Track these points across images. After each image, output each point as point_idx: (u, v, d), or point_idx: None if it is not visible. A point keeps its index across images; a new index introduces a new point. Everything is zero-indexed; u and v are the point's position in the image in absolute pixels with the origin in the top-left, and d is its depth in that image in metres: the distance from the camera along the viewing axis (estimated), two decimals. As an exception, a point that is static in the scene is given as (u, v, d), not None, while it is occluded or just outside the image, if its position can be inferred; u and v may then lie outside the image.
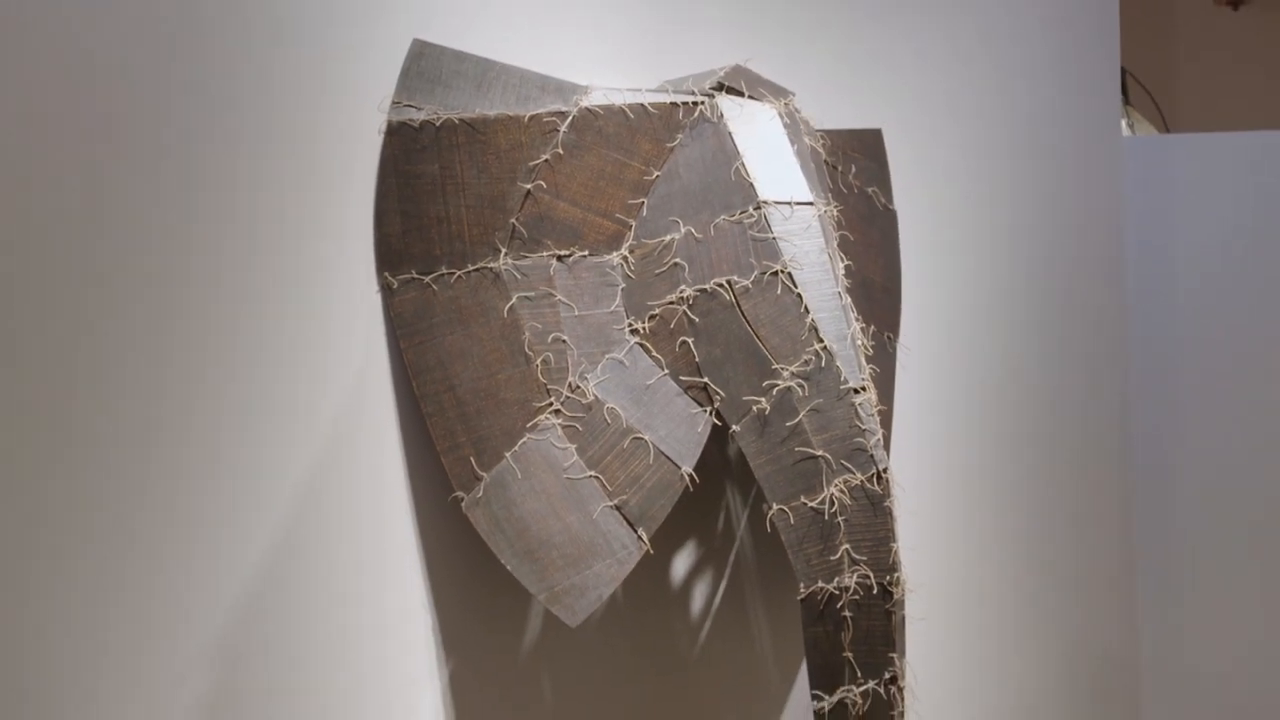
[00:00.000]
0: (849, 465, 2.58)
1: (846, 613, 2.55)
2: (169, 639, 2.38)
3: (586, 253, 2.68)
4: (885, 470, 2.60)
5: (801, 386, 2.60)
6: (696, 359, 2.63)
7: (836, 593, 2.55)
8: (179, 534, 2.41)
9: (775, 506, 2.59)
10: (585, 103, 2.71)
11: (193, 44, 2.48)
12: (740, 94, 2.77)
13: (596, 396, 2.61)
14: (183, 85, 2.46)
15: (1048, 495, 3.45)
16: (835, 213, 2.81)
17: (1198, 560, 3.81)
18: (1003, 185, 3.47)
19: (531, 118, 2.68)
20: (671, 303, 2.65)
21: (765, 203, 2.66)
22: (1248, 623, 3.76)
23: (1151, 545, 3.67)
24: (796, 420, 2.59)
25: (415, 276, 2.62)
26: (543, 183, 2.67)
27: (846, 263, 2.77)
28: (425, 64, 2.66)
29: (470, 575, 2.63)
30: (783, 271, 2.63)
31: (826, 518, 2.57)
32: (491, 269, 2.63)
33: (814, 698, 2.54)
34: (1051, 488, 3.46)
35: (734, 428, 2.62)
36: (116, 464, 2.36)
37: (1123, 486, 3.55)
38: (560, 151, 2.68)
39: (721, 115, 2.72)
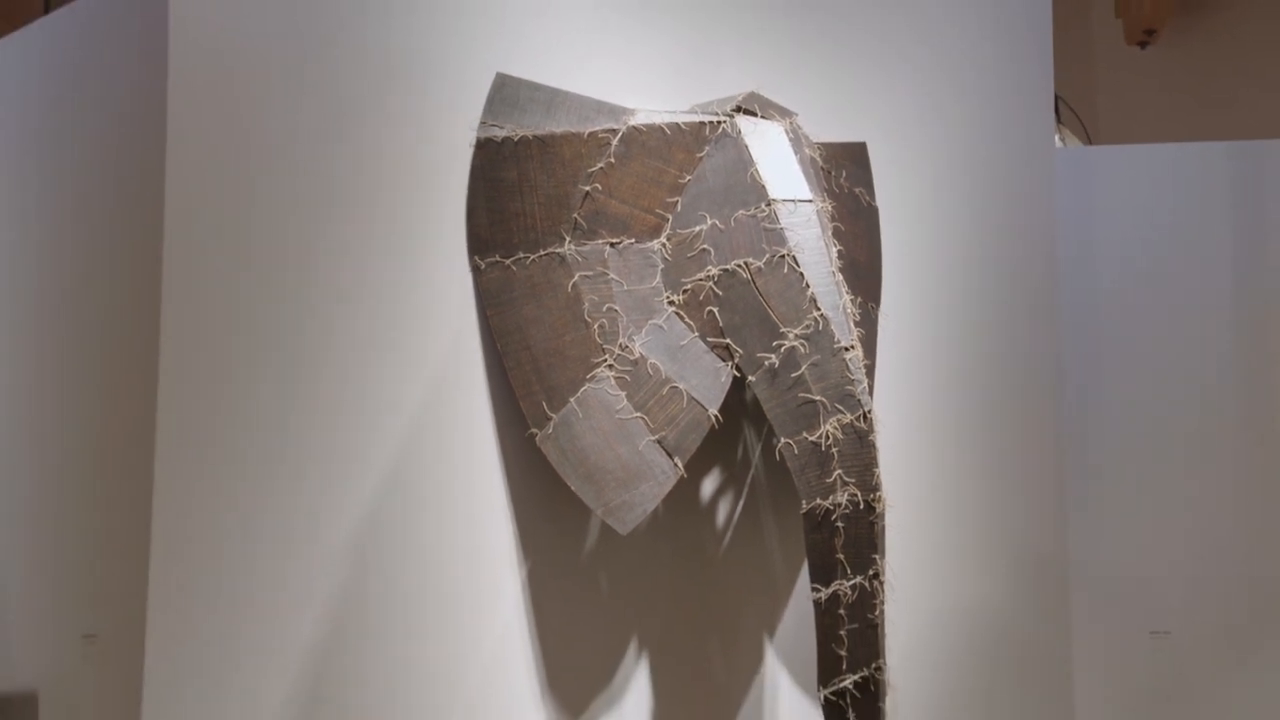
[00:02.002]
0: (841, 407, 2.58)
1: (839, 523, 2.55)
2: (309, 542, 2.41)
3: (633, 240, 2.67)
4: (869, 411, 2.60)
5: (803, 345, 2.59)
6: (720, 324, 2.63)
7: (831, 508, 2.55)
8: (316, 461, 2.43)
9: (783, 440, 2.59)
10: (632, 122, 2.71)
11: (332, 82, 2.51)
12: (754, 114, 2.76)
13: (641, 354, 2.61)
14: (323, 112, 2.49)
15: (994, 430, 3.43)
16: (830, 208, 2.80)
17: (1113, 484, 3.79)
18: (960, 186, 3.45)
19: (590, 134, 2.68)
20: (700, 280, 2.65)
21: (774, 200, 2.65)
22: (1157, 528, 3.75)
23: (1076, 469, 3.66)
24: (799, 372, 2.58)
25: (499, 259, 2.62)
26: (599, 185, 2.66)
27: (838, 247, 2.76)
28: (506, 92, 2.67)
29: (543, 494, 2.64)
30: (788, 255, 2.63)
31: (823, 449, 2.56)
32: (559, 253, 2.63)
33: (813, 589, 2.55)
34: (997, 424, 3.44)
35: (750, 378, 2.62)
36: (267, 399, 2.38)
37: (1054, 422, 3.53)
38: (612, 160, 2.68)
39: (739, 131, 2.71)
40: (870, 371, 2.89)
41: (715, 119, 2.73)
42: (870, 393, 2.67)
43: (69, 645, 2.45)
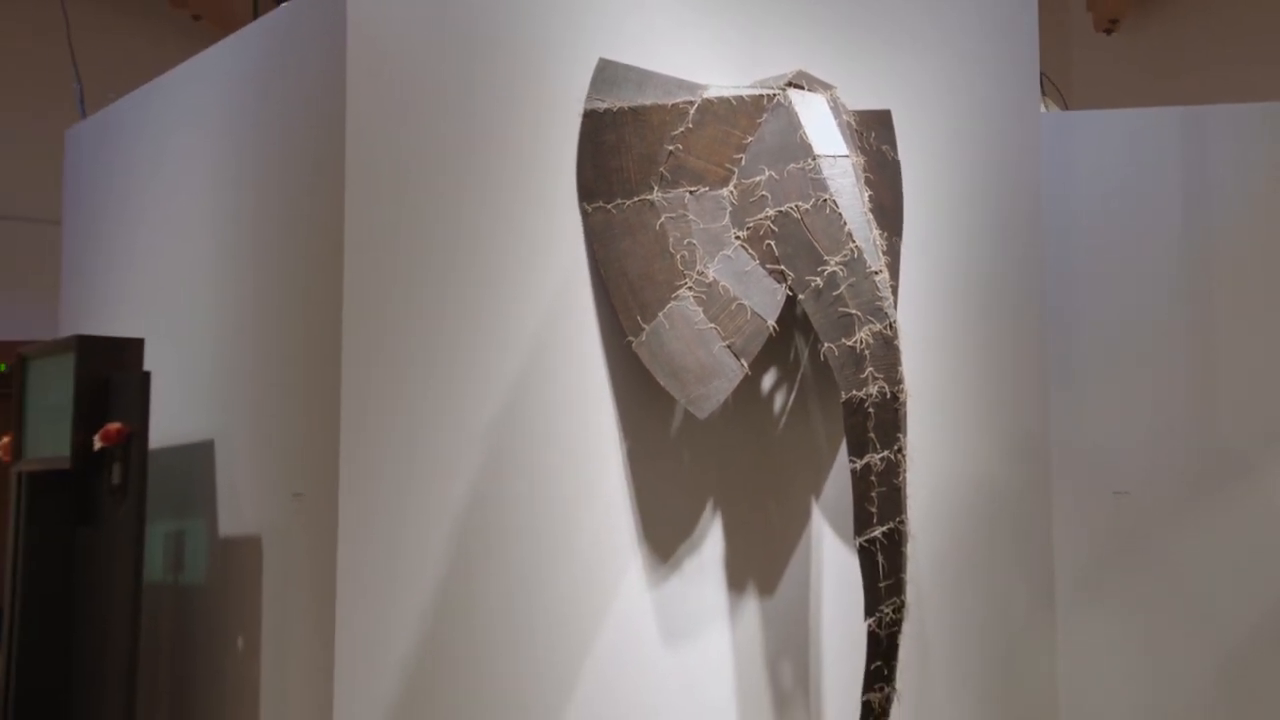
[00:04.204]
0: (872, 318, 2.54)
1: (870, 409, 2.52)
2: (458, 425, 2.43)
3: (707, 189, 2.63)
4: (894, 321, 2.56)
5: (842, 270, 2.55)
6: (776, 254, 2.59)
7: (864, 397, 2.52)
8: (464, 364, 2.45)
9: (826, 345, 2.56)
10: (706, 95, 2.67)
11: (473, 71, 2.49)
12: (802, 88, 2.70)
13: (714, 278, 2.58)
14: (466, 94, 2.48)
15: (993, 334, 3.35)
16: (862, 162, 2.74)
17: (1085, 376, 3.72)
18: (965, 142, 3.36)
19: (673, 105, 2.64)
20: (761, 219, 2.61)
21: (819, 156, 2.60)
22: (1120, 408, 3.68)
23: (1057, 366, 3.59)
24: (839, 291, 2.55)
25: (602, 205, 2.60)
26: (680, 145, 2.63)
27: (869, 193, 2.71)
28: (607, 74, 2.64)
29: (638, 388, 2.63)
30: (830, 199, 2.58)
31: (858, 351, 2.53)
32: (649, 200, 2.60)
33: (850, 461, 2.54)
34: (995, 330, 3.36)
35: (800, 296, 2.58)
36: (430, 310, 2.39)
37: (1039, 329, 3.45)
38: (690, 126, 2.64)
39: (790, 101, 2.66)
40: (894, 290, 2.83)
41: (771, 92, 2.68)
42: (895, 306, 2.63)
43: (282, 501, 2.50)
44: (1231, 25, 6.87)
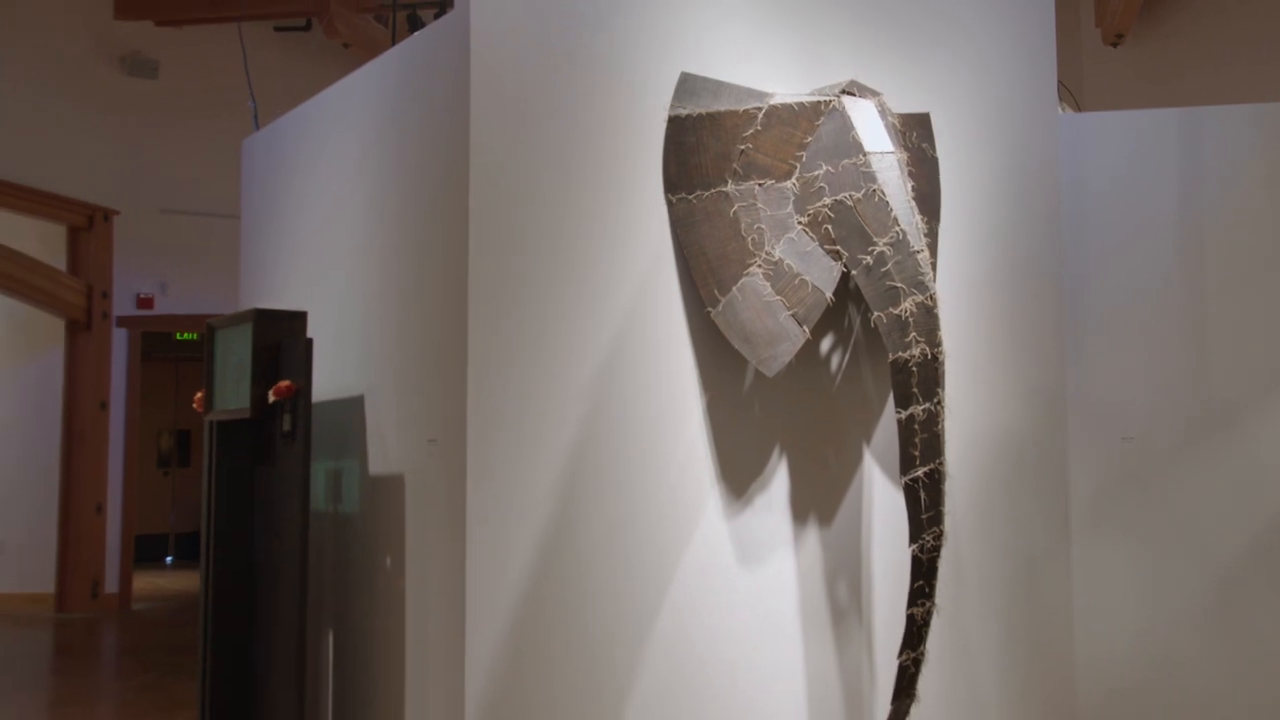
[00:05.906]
0: (915, 290, 2.45)
1: (914, 368, 2.44)
2: (564, 382, 2.40)
3: (774, 181, 2.56)
4: (934, 293, 2.48)
5: (889, 249, 2.47)
6: (833, 236, 2.51)
7: (908, 358, 2.44)
8: (566, 327, 2.41)
9: (876, 313, 2.48)
10: (772, 102, 2.58)
11: (576, 89, 2.44)
12: (854, 95, 2.60)
13: (780, 257, 2.51)
14: (572, 108, 2.43)
15: (1019, 304, 3.20)
16: (905, 158, 2.64)
17: (1097, 338, 3.57)
18: (993, 141, 3.22)
19: (744, 110, 2.56)
20: (819, 207, 2.53)
21: (869, 153, 2.51)
22: (1126, 365, 3.53)
23: (1073, 331, 3.45)
24: (887, 267, 2.46)
25: (684, 196, 2.54)
26: (750, 145, 2.55)
27: (912, 184, 2.61)
28: (688, 85, 2.57)
29: (715, 351, 2.58)
30: (878, 189, 2.49)
31: (903, 319, 2.45)
32: (724, 191, 2.53)
33: (896, 412, 2.46)
34: (1021, 301, 3.22)
35: (853, 272, 2.50)
36: (540, 284, 2.35)
37: (1057, 300, 3.31)
38: (759, 128, 2.56)
39: (844, 106, 2.57)
40: (934, 266, 2.74)
41: (827, 99, 2.59)
42: (934, 280, 2.53)
43: (420, 446, 2.50)
44: (1221, 38, 6.74)
